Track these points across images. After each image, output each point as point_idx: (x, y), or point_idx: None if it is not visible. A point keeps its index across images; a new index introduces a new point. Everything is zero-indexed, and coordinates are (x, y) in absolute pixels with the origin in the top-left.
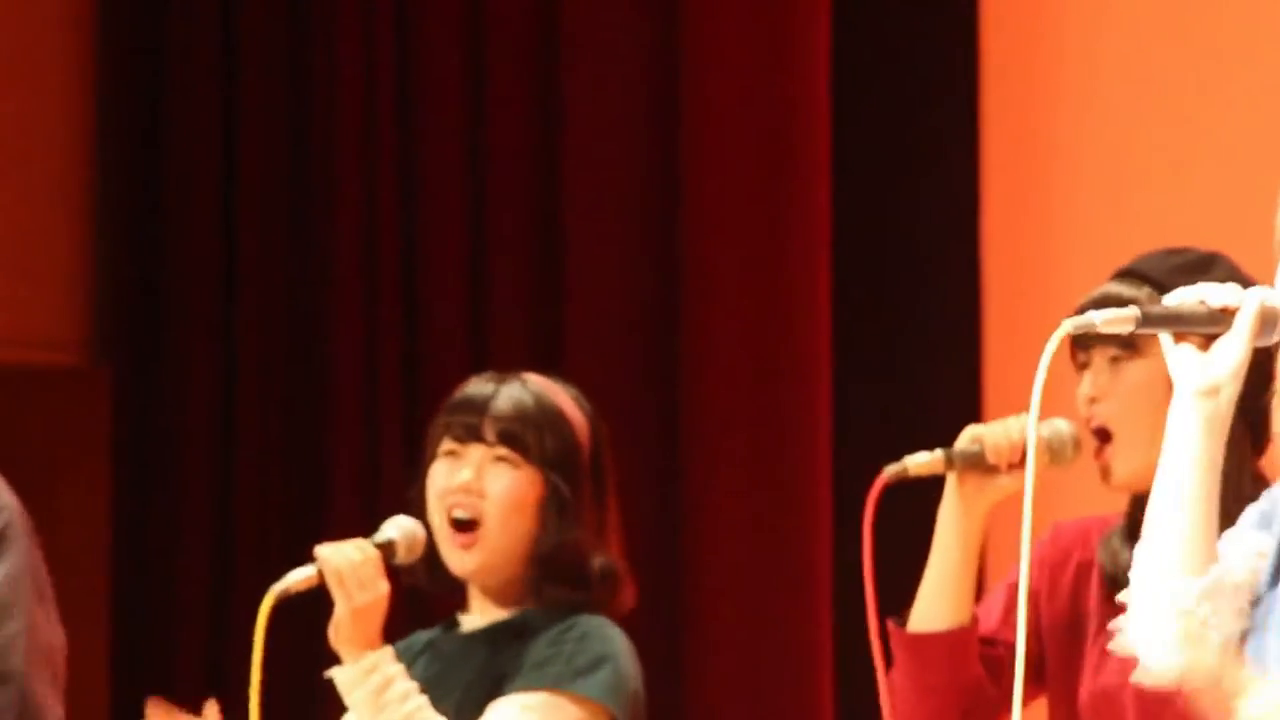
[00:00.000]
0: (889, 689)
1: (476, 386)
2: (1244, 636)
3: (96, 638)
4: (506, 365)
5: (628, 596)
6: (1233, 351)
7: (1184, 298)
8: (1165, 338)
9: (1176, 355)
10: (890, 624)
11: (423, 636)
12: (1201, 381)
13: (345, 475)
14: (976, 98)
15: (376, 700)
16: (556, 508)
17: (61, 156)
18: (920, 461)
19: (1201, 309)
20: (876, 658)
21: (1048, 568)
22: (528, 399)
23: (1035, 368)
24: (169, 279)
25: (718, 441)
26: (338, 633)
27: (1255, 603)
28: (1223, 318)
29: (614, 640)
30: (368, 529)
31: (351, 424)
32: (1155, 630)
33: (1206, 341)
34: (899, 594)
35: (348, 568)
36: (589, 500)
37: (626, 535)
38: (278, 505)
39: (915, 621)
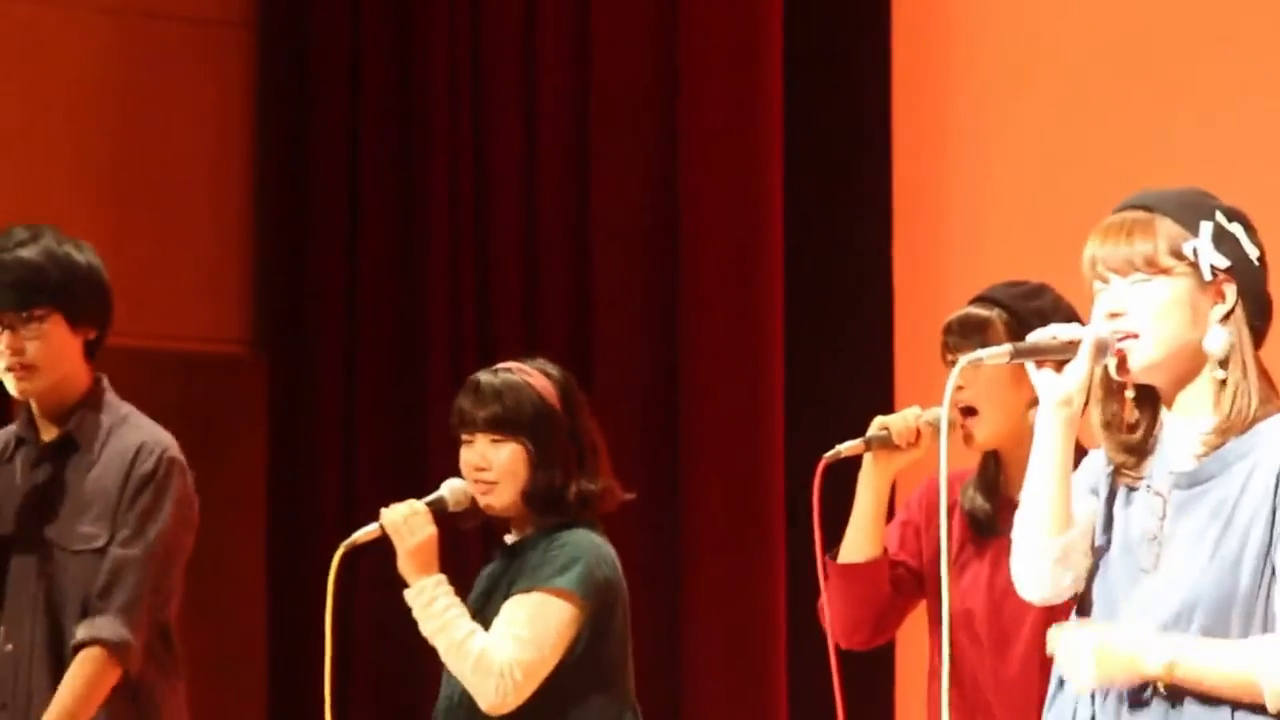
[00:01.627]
0: (826, 605)
1: (468, 386)
2: (1089, 573)
3: (256, 560)
4: (549, 357)
5: (615, 495)
6: (1078, 372)
7: (1041, 335)
8: (1030, 365)
9: (1039, 377)
10: (824, 558)
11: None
12: (1058, 395)
13: (437, 441)
14: (890, 137)
15: (426, 612)
16: (536, 463)
17: (235, 204)
18: (848, 446)
19: (1055, 343)
20: (823, 583)
21: (924, 508)
22: (498, 383)
23: (932, 370)
24: (310, 292)
25: (706, 432)
26: (402, 569)
27: (1095, 549)
28: (1070, 348)
29: (585, 546)
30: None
31: (440, 400)
32: (1034, 570)
33: (1059, 366)
34: (831, 541)
35: (400, 520)
36: (566, 440)
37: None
38: (388, 461)
39: (843, 555)
